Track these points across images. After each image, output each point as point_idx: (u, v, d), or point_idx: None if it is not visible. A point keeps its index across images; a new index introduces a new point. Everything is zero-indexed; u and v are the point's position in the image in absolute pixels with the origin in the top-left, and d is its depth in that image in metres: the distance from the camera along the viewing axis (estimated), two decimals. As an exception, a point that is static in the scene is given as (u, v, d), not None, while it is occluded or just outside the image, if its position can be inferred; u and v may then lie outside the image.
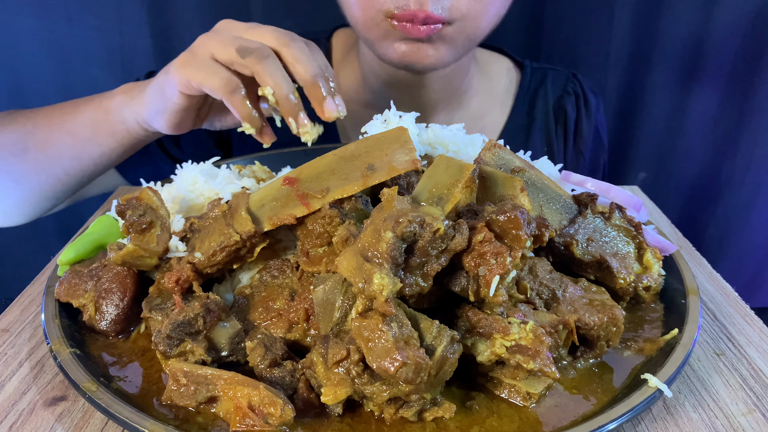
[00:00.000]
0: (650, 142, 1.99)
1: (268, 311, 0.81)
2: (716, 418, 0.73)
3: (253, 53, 0.95)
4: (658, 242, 0.96)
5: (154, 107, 1.10)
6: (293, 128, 0.97)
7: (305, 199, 0.83)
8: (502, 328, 0.70)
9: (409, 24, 1.15)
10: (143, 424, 0.64)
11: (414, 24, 1.15)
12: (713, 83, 1.88)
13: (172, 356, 0.73)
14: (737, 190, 2.00)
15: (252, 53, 0.95)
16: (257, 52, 0.95)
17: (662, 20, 1.81)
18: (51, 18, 1.79)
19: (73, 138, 1.21)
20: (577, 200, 0.91)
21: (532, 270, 0.80)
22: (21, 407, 0.74)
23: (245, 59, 0.95)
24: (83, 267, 0.89)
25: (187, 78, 1.00)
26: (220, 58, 0.98)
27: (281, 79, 0.95)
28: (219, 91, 0.97)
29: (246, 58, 0.95)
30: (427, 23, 1.14)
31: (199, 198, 0.98)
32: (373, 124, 1.00)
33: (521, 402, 0.72)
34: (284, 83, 0.95)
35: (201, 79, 0.98)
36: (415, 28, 1.15)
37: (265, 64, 0.95)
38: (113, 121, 1.17)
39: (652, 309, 0.89)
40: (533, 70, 1.60)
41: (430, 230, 0.67)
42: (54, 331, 0.79)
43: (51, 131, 1.23)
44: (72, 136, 1.21)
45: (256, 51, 0.95)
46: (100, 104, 1.18)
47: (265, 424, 0.65)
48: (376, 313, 0.65)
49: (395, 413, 0.68)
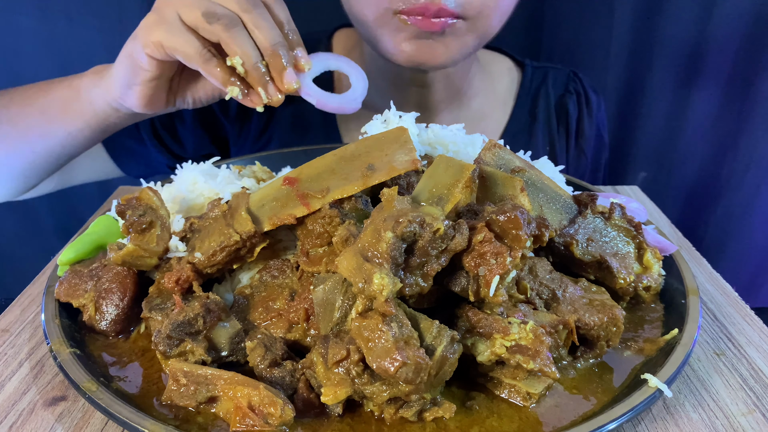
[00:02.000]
0: (650, 142, 1.99)
1: (268, 311, 0.81)
2: (716, 418, 0.73)
3: (221, 20, 0.92)
4: (658, 242, 0.96)
5: (123, 80, 1.05)
6: (263, 98, 0.94)
7: (305, 199, 0.83)
8: (502, 328, 0.70)
9: (420, 17, 1.14)
10: (143, 424, 0.65)
11: (425, 17, 1.13)
12: (713, 83, 1.88)
13: (172, 356, 0.73)
14: (737, 190, 2.00)
15: (219, 19, 0.92)
16: (224, 19, 0.92)
17: (662, 20, 1.81)
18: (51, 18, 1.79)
19: (42, 115, 1.19)
20: (577, 200, 0.91)
21: (532, 270, 0.80)
22: (21, 407, 0.74)
23: (212, 25, 0.92)
24: (83, 267, 0.89)
25: (159, 41, 0.95)
26: (187, 20, 0.94)
27: (250, 48, 0.92)
28: (194, 60, 0.94)
29: (213, 24, 0.92)
30: (439, 16, 1.13)
31: (199, 198, 0.98)
32: (373, 124, 1.00)
33: (521, 402, 0.72)
34: (253, 51, 0.93)
35: (174, 45, 0.94)
36: (428, 21, 1.14)
37: (232, 32, 0.92)
38: (82, 101, 1.14)
39: (652, 309, 0.89)
40: (534, 70, 1.60)
41: (430, 230, 0.67)
42: (54, 331, 0.79)
43: (23, 107, 1.21)
44: (41, 114, 1.19)
45: (223, 17, 0.92)
46: (71, 83, 1.16)
47: (265, 424, 0.65)
48: (376, 313, 0.65)
49: (395, 413, 0.68)
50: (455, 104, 1.51)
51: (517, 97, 1.58)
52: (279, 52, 0.93)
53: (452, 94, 1.49)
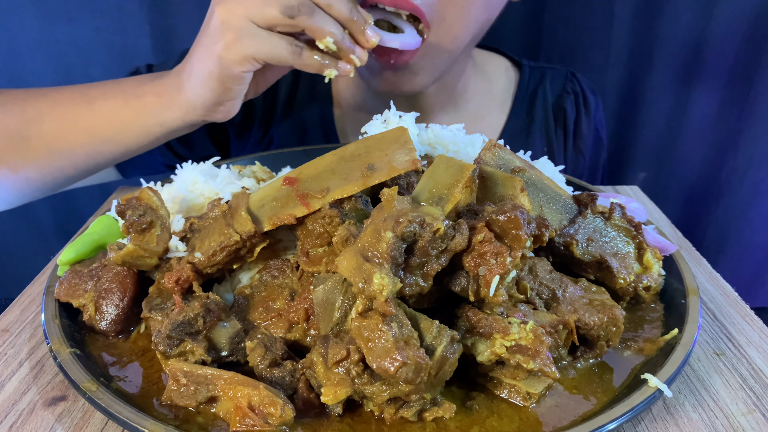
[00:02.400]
0: (650, 142, 1.99)
1: (268, 311, 0.81)
2: (716, 418, 0.73)
3: (300, 10, 0.95)
4: (658, 242, 0.96)
5: (212, 100, 1.04)
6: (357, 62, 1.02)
7: (305, 199, 0.83)
8: (502, 328, 0.70)
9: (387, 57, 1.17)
10: (143, 424, 0.64)
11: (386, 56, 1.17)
12: (713, 83, 1.88)
13: (172, 356, 0.73)
14: (737, 190, 2.00)
15: (299, 11, 0.95)
16: (303, 8, 0.95)
17: (662, 20, 1.81)
18: (51, 18, 1.79)
19: (90, 137, 1.14)
20: (577, 200, 0.91)
21: (532, 270, 0.80)
22: (21, 407, 0.74)
23: (295, 19, 0.95)
24: (83, 267, 0.89)
25: (250, 55, 0.96)
26: (263, 22, 0.95)
27: (334, 27, 0.98)
28: (288, 59, 0.98)
29: (296, 17, 0.95)
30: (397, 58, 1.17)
31: (199, 198, 0.98)
32: (373, 124, 1.00)
33: (521, 402, 0.72)
34: (338, 29, 0.98)
35: (267, 53, 0.97)
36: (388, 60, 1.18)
37: (316, 18, 0.96)
38: (146, 124, 1.11)
39: (652, 309, 0.89)
40: (532, 70, 1.60)
41: (430, 230, 0.67)
42: (54, 331, 0.79)
43: (61, 126, 1.14)
44: (89, 135, 1.14)
45: (302, 7, 0.95)
46: (126, 103, 1.11)
47: (265, 424, 0.65)
48: (376, 313, 0.65)
49: (395, 413, 0.68)
50: (450, 106, 1.51)
51: (514, 98, 1.58)
52: (354, 17, 1.00)
53: (447, 96, 1.48)
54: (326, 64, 1.01)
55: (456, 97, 1.50)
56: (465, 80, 1.49)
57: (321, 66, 1.00)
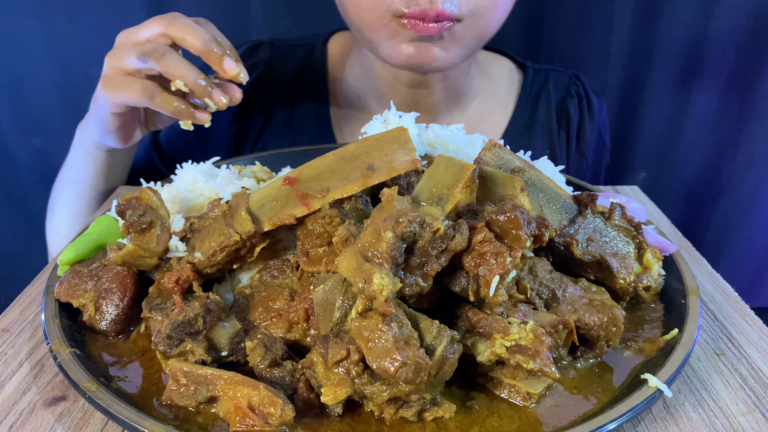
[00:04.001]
0: (650, 142, 1.99)
1: (268, 311, 0.81)
2: (716, 418, 0.73)
3: (151, 54, 1.01)
4: (658, 242, 0.96)
5: (100, 131, 1.20)
6: (211, 106, 1.04)
7: (305, 199, 0.83)
8: (502, 328, 0.70)
9: (420, 22, 1.14)
10: (143, 424, 0.64)
11: (425, 22, 1.14)
12: (713, 83, 1.88)
13: (172, 356, 0.73)
14: (737, 190, 2.00)
15: (150, 55, 1.01)
16: (154, 53, 1.01)
17: (662, 20, 1.81)
18: (51, 18, 1.79)
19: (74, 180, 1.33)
20: (577, 200, 0.91)
21: (532, 270, 0.80)
22: (21, 407, 0.74)
23: (147, 63, 1.01)
24: (83, 267, 0.89)
25: (111, 99, 1.09)
26: (126, 69, 1.04)
27: (184, 69, 1.01)
28: (140, 100, 1.05)
29: (147, 62, 1.01)
30: (438, 20, 1.13)
31: (199, 198, 0.98)
32: (373, 124, 1.00)
33: (521, 402, 0.72)
34: (189, 71, 1.01)
35: (122, 96, 1.07)
36: (426, 26, 1.14)
37: (165, 60, 1.01)
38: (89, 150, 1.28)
39: (652, 309, 0.89)
40: (535, 72, 1.59)
41: (430, 230, 0.67)
42: (54, 331, 0.79)
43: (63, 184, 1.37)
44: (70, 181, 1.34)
45: (153, 51, 1.01)
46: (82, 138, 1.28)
47: (265, 424, 0.65)
48: (376, 313, 0.65)
49: (395, 413, 0.68)
50: (454, 106, 1.50)
51: (517, 100, 1.57)
52: (211, 47, 1.02)
53: (451, 96, 1.48)
54: (182, 109, 1.04)
55: (460, 98, 1.50)
56: (469, 80, 1.49)
57: (176, 109, 1.04)
